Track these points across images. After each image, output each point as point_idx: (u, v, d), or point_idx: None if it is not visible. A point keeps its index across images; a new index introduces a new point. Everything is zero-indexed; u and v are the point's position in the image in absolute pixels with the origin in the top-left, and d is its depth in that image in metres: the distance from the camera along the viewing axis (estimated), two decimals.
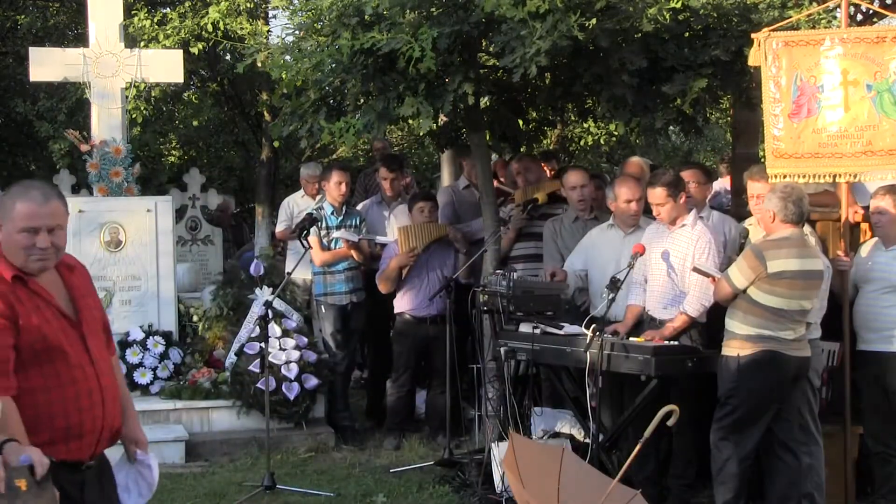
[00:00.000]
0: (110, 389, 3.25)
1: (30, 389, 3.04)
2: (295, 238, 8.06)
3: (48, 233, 3.10)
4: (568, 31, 5.51)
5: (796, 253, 5.16)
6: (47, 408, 3.08)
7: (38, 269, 3.13)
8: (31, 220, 3.08)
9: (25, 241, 3.08)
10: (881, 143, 5.50)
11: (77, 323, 3.21)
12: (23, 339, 3.03)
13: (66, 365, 3.11)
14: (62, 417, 3.09)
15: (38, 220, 3.09)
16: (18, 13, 14.76)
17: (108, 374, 3.27)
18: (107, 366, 3.29)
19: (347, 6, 6.21)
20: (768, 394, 5.22)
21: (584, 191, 6.74)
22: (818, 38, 5.65)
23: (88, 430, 3.15)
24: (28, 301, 3.09)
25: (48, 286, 3.18)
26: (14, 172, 15.81)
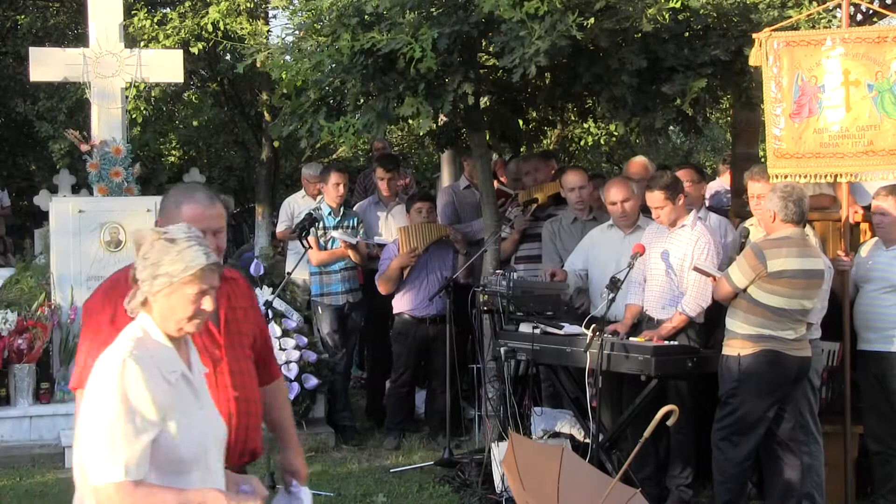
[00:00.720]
0: (244, 404, 3.09)
1: None
2: (295, 238, 8.05)
3: (213, 235, 3.00)
4: (567, 30, 5.51)
5: (797, 252, 5.15)
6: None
7: None
8: (197, 222, 2.94)
9: None
10: (882, 143, 5.50)
11: (216, 330, 3.08)
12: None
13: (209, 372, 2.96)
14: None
15: (205, 223, 2.99)
16: (18, 13, 14.75)
17: (243, 387, 3.09)
18: (246, 380, 3.13)
19: (347, 6, 6.21)
20: (769, 394, 5.22)
21: (583, 192, 6.73)
22: (819, 38, 5.65)
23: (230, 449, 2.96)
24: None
25: None
26: (14, 172, 15.82)
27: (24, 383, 7.16)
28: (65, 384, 7.39)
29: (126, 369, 2.56)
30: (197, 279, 2.66)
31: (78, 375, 2.94)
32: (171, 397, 2.62)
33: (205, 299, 2.69)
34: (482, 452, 6.27)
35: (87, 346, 2.97)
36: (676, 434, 5.70)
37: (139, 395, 2.56)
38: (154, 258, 2.66)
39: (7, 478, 6.41)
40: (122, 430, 2.52)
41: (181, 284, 2.65)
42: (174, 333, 2.72)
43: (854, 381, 5.80)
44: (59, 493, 6.11)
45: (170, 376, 2.65)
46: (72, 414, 7.14)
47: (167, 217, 3.02)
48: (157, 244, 2.67)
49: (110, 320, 2.91)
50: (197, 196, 3.04)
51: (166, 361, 2.67)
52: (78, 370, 2.96)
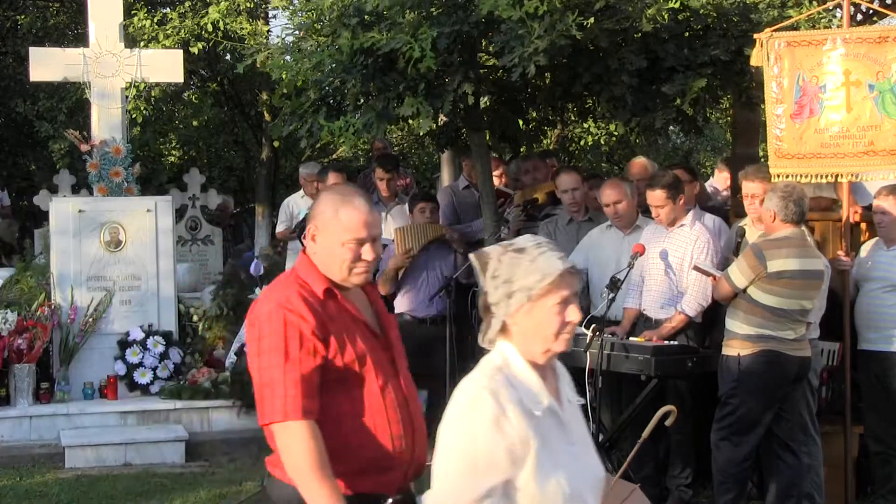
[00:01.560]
0: (418, 418, 2.91)
1: (337, 415, 2.76)
2: (295, 238, 8.05)
3: (371, 244, 2.82)
4: (566, 30, 5.51)
5: (796, 253, 5.15)
6: (355, 435, 2.77)
7: (360, 283, 2.85)
8: (358, 230, 2.79)
9: (350, 253, 2.79)
10: (883, 144, 5.50)
11: (386, 343, 2.91)
12: (332, 361, 2.74)
13: (376, 389, 2.79)
14: (372, 447, 2.78)
15: (365, 231, 2.80)
16: (18, 13, 14.76)
17: (416, 400, 2.93)
18: (414, 391, 2.95)
19: (348, 6, 6.22)
20: (769, 394, 5.22)
21: (576, 194, 6.69)
22: (820, 38, 5.65)
23: (398, 461, 2.82)
24: (338, 318, 2.79)
25: (357, 302, 2.90)
26: (14, 172, 15.82)
27: (24, 383, 7.16)
28: (65, 384, 7.39)
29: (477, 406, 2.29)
30: (556, 287, 2.37)
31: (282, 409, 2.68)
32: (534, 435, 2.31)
33: (570, 309, 2.42)
34: None
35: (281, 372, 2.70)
36: (676, 434, 5.70)
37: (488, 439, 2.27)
38: (505, 274, 2.38)
39: (7, 478, 6.40)
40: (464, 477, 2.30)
41: (540, 297, 2.36)
42: (540, 359, 2.43)
43: (854, 381, 5.80)
44: (59, 493, 6.11)
45: (535, 409, 2.34)
46: (71, 414, 7.16)
47: (325, 226, 2.81)
48: (506, 258, 2.39)
49: (299, 343, 2.71)
50: (355, 202, 2.81)
51: (531, 393, 2.37)
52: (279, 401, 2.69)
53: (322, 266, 2.82)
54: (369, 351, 2.80)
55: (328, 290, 2.80)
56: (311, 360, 2.70)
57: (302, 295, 2.76)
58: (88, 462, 6.73)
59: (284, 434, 2.68)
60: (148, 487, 6.23)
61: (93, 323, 7.56)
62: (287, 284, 2.83)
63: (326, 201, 2.85)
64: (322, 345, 2.72)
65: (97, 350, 7.57)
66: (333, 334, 2.74)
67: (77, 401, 7.37)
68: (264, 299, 2.84)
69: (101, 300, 7.61)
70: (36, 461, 6.74)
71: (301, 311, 2.72)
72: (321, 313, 2.74)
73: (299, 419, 2.66)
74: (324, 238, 2.81)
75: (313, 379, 2.70)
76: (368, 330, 2.85)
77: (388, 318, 2.98)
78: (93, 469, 6.64)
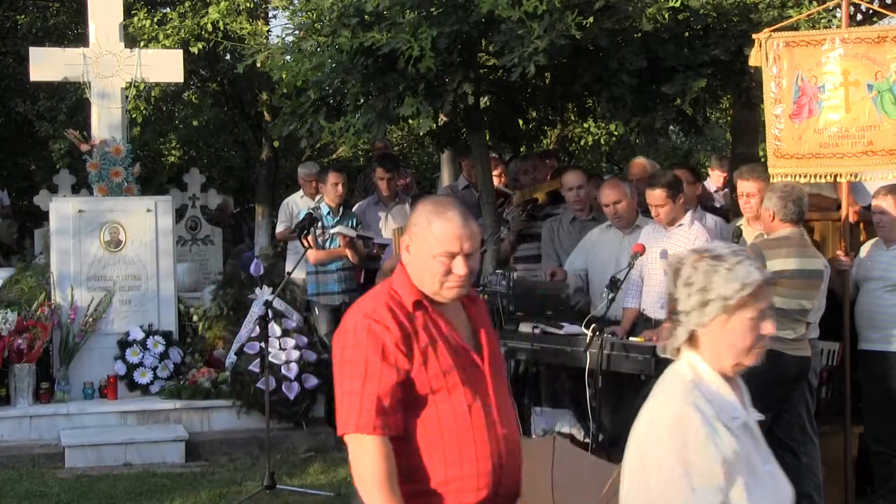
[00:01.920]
0: (511, 440, 2.79)
1: (417, 431, 2.68)
2: (295, 238, 8.06)
3: (465, 257, 2.72)
4: (566, 30, 5.51)
5: (795, 252, 5.16)
6: (436, 453, 2.68)
7: (452, 297, 2.76)
8: (450, 243, 2.70)
9: (441, 266, 2.71)
10: (882, 143, 5.50)
11: (480, 361, 2.79)
12: (415, 375, 2.67)
13: (462, 407, 2.69)
14: (453, 466, 2.68)
15: (458, 244, 2.70)
16: (18, 13, 14.76)
17: (510, 423, 2.81)
18: (509, 412, 2.83)
19: (348, 6, 6.22)
20: (768, 393, 5.20)
21: (581, 192, 6.72)
22: (819, 38, 5.65)
23: (482, 484, 2.70)
24: (427, 332, 2.71)
25: (451, 316, 2.79)
26: (14, 172, 15.82)
27: (24, 383, 7.16)
28: (65, 384, 7.39)
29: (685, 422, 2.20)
30: (755, 298, 2.27)
31: (355, 421, 2.64)
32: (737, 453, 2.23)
33: (766, 323, 2.31)
34: None
35: (360, 384, 2.64)
36: None
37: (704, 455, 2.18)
38: (701, 282, 2.29)
39: (7, 478, 6.40)
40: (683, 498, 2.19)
41: (738, 308, 2.27)
42: (729, 371, 2.33)
43: (854, 381, 5.80)
44: (59, 493, 6.11)
45: (732, 425, 2.26)
46: (71, 414, 7.16)
47: (418, 238, 2.74)
48: (701, 265, 2.31)
49: (381, 355, 2.64)
50: (449, 214, 2.72)
51: (726, 408, 2.29)
52: (353, 413, 2.64)
53: (415, 278, 2.75)
54: (457, 367, 2.70)
55: (418, 303, 2.73)
56: (392, 374, 2.64)
57: (390, 306, 2.70)
58: (88, 462, 6.73)
59: (355, 446, 2.65)
60: (148, 487, 6.23)
61: (93, 323, 7.56)
62: (378, 295, 2.77)
63: (420, 212, 2.77)
64: (405, 358, 2.65)
65: (97, 350, 7.57)
66: (419, 348, 2.67)
67: (77, 401, 7.37)
68: (354, 308, 2.78)
69: (101, 300, 7.61)
70: (36, 461, 6.73)
71: (386, 322, 2.67)
72: (407, 326, 2.68)
73: (370, 433, 2.61)
74: (416, 250, 2.74)
75: (391, 393, 2.63)
76: (460, 346, 2.75)
77: (489, 334, 2.86)
78: (93, 469, 6.63)
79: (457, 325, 2.79)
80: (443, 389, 2.68)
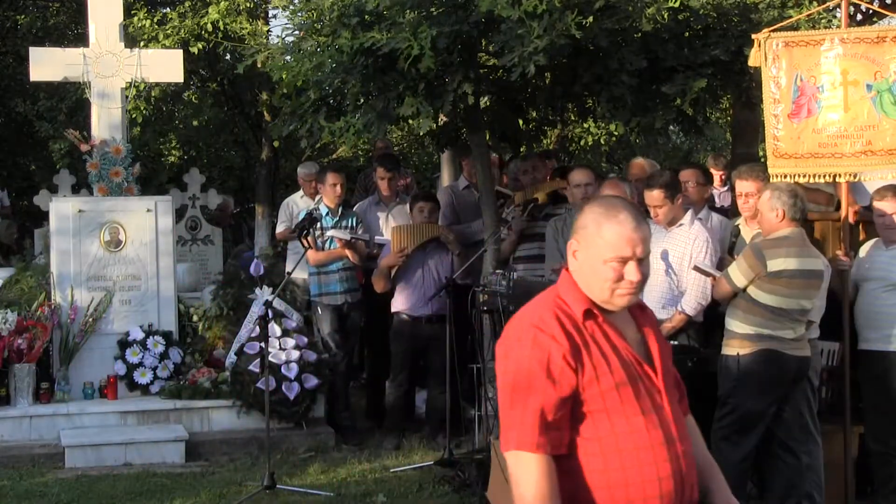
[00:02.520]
0: (689, 457, 2.60)
1: (588, 450, 2.50)
2: (295, 238, 8.06)
3: (638, 262, 2.56)
4: (566, 29, 5.51)
5: (796, 252, 5.16)
6: (611, 474, 2.49)
7: (623, 305, 2.59)
8: (622, 248, 2.54)
9: (613, 272, 2.54)
10: (881, 143, 5.50)
11: (653, 373, 2.62)
12: (585, 390, 2.49)
13: (639, 423, 2.52)
14: (632, 488, 2.49)
15: (631, 249, 2.54)
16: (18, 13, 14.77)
17: (685, 440, 2.62)
18: (683, 429, 2.66)
19: (348, 6, 6.22)
20: (768, 393, 5.22)
21: (589, 189, 6.71)
22: (818, 38, 5.65)
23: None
24: (597, 343, 2.54)
25: (621, 326, 2.63)
26: (14, 172, 15.83)
27: (24, 383, 7.16)
28: (65, 384, 7.40)
29: None
30: None
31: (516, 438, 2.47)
32: None
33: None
34: (482, 452, 6.27)
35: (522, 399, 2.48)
36: None
37: None
38: None
39: (7, 478, 6.40)
40: None
41: None
42: None
43: (854, 381, 5.80)
44: (59, 493, 6.11)
45: None
46: (71, 414, 7.17)
47: (587, 242, 2.58)
48: None
49: (546, 368, 2.47)
50: (620, 216, 2.56)
51: None
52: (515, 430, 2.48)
53: (583, 285, 2.59)
54: (630, 381, 2.53)
55: (587, 312, 2.56)
56: (559, 388, 2.46)
57: (558, 315, 2.54)
58: (88, 462, 6.73)
59: (515, 464, 2.48)
60: (148, 487, 6.23)
61: (93, 323, 7.57)
62: (544, 303, 2.61)
63: (589, 215, 2.62)
64: (574, 372, 2.48)
65: (97, 350, 7.58)
66: (589, 361, 2.50)
67: (77, 401, 7.37)
68: (519, 316, 2.61)
69: (101, 300, 7.62)
70: (36, 461, 6.74)
71: (554, 333, 2.50)
72: (576, 337, 2.51)
73: (532, 451, 2.44)
74: (585, 255, 2.58)
75: (557, 409, 2.46)
76: (632, 357, 2.57)
77: (660, 344, 2.70)
78: (93, 469, 6.64)
79: (627, 334, 2.62)
80: (616, 405, 2.51)
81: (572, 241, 2.65)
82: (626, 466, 2.49)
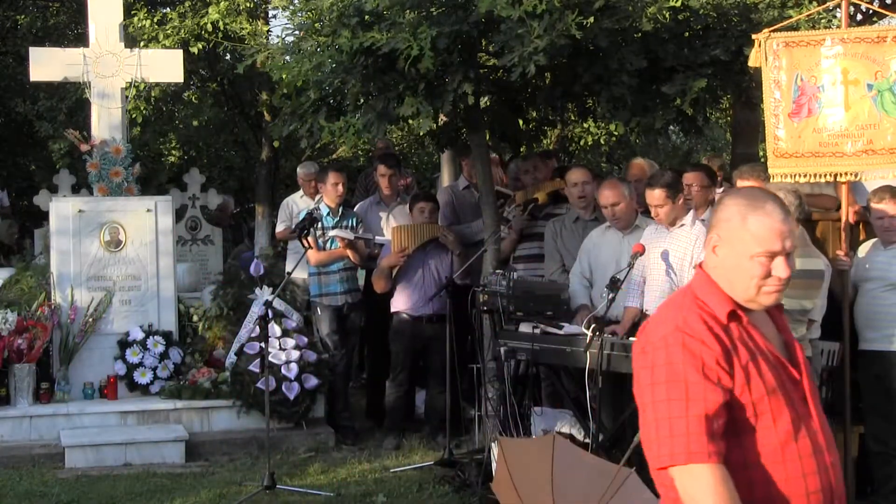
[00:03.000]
0: (836, 470, 2.45)
1: (739, 462, 2.35)
2: (295, 238, 8.06)
3: (786, 257, 2.40)
4: (566, 29, 5.51)
5: (797, 252, 5.13)
6: (762, 488, 2.35)
7: (769, 304, 2.45)
8: (770, 241, 2.38)
9: (761, 267, 2.39)
10: (882, 142, 5.49)
11: (798, 376, 2.46)
12: (737, 397, 2.35)
13: (787, 432, 2.36)
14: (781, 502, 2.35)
15: (780, 242, 2.39)
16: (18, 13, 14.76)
17: (832, 450, 2.45)
18: (830, 438, 2.47)
19: (347, 6, 6.22)
20: None
21: (586, 188, 6.72)
22: (818, 38, 5.65)
23: None
24: (746, 346, 2.39)
25: (763, 327, 2.48)
26: (14, 172, 15.82)
27: (24, 383, 7.16)
28: (65, 384, 7.39)
29: None
30: None
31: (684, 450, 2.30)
32: None
33: None
34: (482, 452, 6.26)
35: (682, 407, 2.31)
36: None
37: None
38: None
39: (7, 478, 6.40)
40: None
41: None
42: None
43: (854, 381, 5.80)
44: (59, 493, 6.11)
45: None
46: (71, 414, 7.16)
47: (730, 236, 2.43)
48: None
49: (702, 373, 2.32)
50: (767, 207, 2.40)
51: None
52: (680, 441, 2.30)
53: (724, 283, 2.44)
54: (779, 386, 2.37)
55: (732, 313, 2.41)
56: (716, 395, 2.30)
57: (703, 318, 2.39)
58: (88, 462, 6.73)
59: (688, 479, 2.30)
60: (148, 487, 6.23)
61: (93, 323, 7.56)
62: (684, 305, 2.46)
63: (731, 207, 2.45)
64: (728, 376, 2.33)
65: (97, 350, 7.58)
66: (740, 365, 2.35)
67: (77, 401, 7.37)
68: (658, 321, 2.48)
69: (101, 300, 7.62)
70: (36, 461, 6.74)
71: (703, 337, 2.35)
72: (725, 340, 2.36)
73: (706, 462, 2.27)
74: (728, 250, 2.42)
75: (718, 416, 2.31)
76: (778, 360, 2.42)
77: (798, 347, 2.56)
78: (93, 469, 6.64)
79: (771, 336, 2.48)
80: (766, 412, 2.35)
81: (712, 235, 2.49)
82: (773, 481, 2.35)
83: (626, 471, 4.28)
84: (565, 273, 6.62)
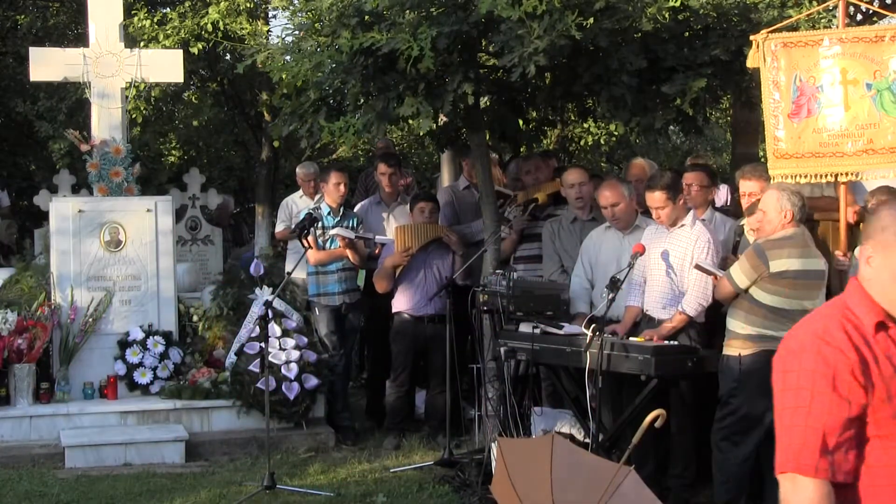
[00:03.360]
0: None
1: (867, 482, 2.29)
2: (295, 238, 8.06)
3: None
4: (566, 30, 5.52)
5: (798, 252, 5.16)
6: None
7: None
8: None
9: None
10: (882, 142, 5.49)
11: None
12: (874, 410, 2.27)
13: None
14: None
15: None
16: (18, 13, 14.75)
17: None
18: None
19: (347, 6, 6.22)
20: (769, 394, 5.20)
21: (583, 189, 6.72)
22: (817, 38, 5.64)
23: None
24: (891, 360, 2.31)
25: None
26: (14, 172, 15.81)
27: (24, 383, 7.16)
28: (65, 384, 7.39)
29: None
30: None
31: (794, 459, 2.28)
32: None
33: None
34: (482, 452, 6.27)
35: (803, 417, 2.28)
36: (677, 434, 5.70)
37: None
38: None
39: (7, 478, 6.40)
40: None
41: None
42: None
43: None
44: (59, 494, 6.11)
45: None
46: (71, 414, 7.16)
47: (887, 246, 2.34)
48: None
49: (832, 385, 2.27)
50: None
51: None
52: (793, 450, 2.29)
53: (879, 295, 2.34)
54: None
55: (881, 324, 2.33)
56: (844, 407, 2.25)
57: (844, 326, 2.32)
58: (88, 462, 6.73)
59: (790, 488, 2.29)
60: (148, 487, 6.23)
61: (93, 323, 7.56)
62: (830, 313, 2.39)
63: (889, 217, 2.35)
64: (863, 389, 2.26)
65: (97, 350, 7.58)
66: (880, 378, 2.27)
67: (77, 401, 7.37)
68: (800, 327, 2.42)
69: (101, 300, 7.62)
70: (36, 461, 6.74)
71: (841, 346, 2.29)
72: (866, 352, 2.28)
73: (811, 475, 2.24)
74: (884, 260, 2.33)
75: (842, 430, 2.25)
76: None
77: None
78: (93, 469, 6.64)
79: None
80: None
81: (866, 246, 2.40)
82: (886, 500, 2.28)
83: (625, 469, 4.29)
84: (564, 274, 6.62)
